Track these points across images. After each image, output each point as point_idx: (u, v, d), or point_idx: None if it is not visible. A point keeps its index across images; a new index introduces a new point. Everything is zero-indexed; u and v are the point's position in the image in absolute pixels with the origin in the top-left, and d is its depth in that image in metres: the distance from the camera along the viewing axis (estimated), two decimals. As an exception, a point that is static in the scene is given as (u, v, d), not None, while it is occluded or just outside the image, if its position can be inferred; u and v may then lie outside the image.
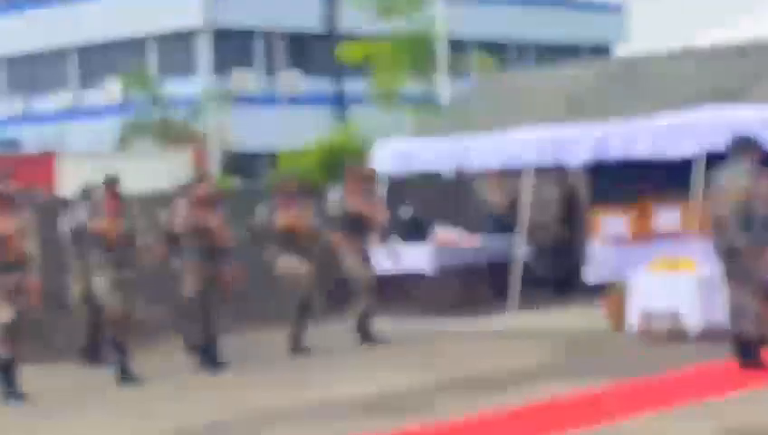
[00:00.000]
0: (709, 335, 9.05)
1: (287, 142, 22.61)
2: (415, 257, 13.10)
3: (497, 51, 30.33)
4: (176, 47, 31.60)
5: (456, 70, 22.35)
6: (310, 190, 12.06)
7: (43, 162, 21.96)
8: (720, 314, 8.42)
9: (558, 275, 14.24)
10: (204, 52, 29.55)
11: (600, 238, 13.04)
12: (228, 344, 10.11)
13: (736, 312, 7.62)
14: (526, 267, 12.96)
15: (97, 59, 32.21)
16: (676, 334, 9.75)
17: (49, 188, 16.18)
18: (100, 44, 31.77)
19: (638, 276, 10.62)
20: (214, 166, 22.35)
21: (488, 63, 26.93)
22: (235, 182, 19.82)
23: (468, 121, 14.12)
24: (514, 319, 12.20)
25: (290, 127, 25.83)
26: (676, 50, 15.50)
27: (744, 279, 7.45)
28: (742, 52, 13.31)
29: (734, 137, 8.25)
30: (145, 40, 31.62)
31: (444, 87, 20.94)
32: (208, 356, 9.16)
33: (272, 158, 21.68)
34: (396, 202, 13.82)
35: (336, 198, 11.16)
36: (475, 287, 13.85)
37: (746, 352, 7.26)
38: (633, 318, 10.23)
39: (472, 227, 14.52)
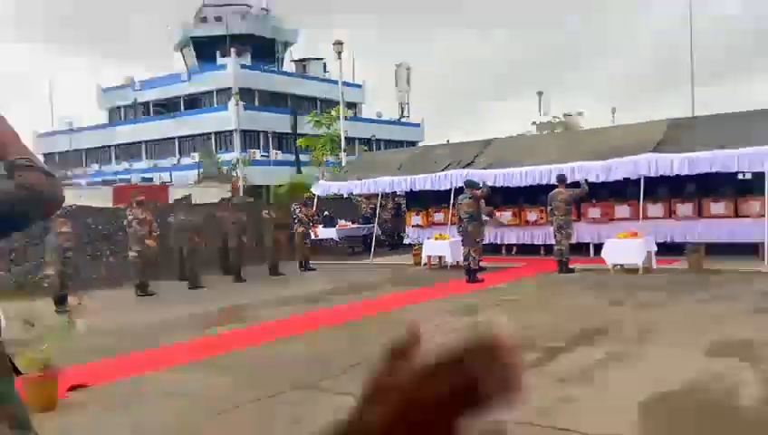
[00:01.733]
0: (455, 267, 14.58)
1: (274, 181, 34.05)
2: (329, 233, 19.24)
3: (367, 143, 42.71)
4: (225, 137, 46.26)
5: (349, 151, 29.60)
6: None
7: (163, 189, 28.73)
8: (459, 256, 14.19)
9: (392, 240, 20.18)
10: (237, 139, 43.39)
11: (411, 224, 19.21)
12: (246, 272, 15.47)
13: (465, 256, 13.23)
14: (378, 237, 19.07)
15: (188, 143, 47.77)
16: (442, 266, 15.69)
17: (165, 201, 20.93)
18: (193, 135, 47.07)
19: (427, 241, 16.26)
20: (240, 192, 32.83)
21: (362, 149, 39.13)
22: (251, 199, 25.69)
23: (354, 173, 19.91)
24: (373, 260, 17.91)
25: (276, 175, 37.59)
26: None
27: (469, 242, 13.16)
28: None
29: (467, 181, 16.51)
30: (210, 134, 45.61)
31: (343, 158, 26.73)
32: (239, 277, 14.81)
33: (268, 188, 33.57)
34: (322, 208, 19.74)
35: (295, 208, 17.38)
36: (357, 246, 19.93)
37: (471, 275, 12.91)
38: (424, 259, 16.17)
39: (355, 220, 20.60)
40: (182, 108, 49.62)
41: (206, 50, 49.56)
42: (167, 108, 50.52)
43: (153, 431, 5.01)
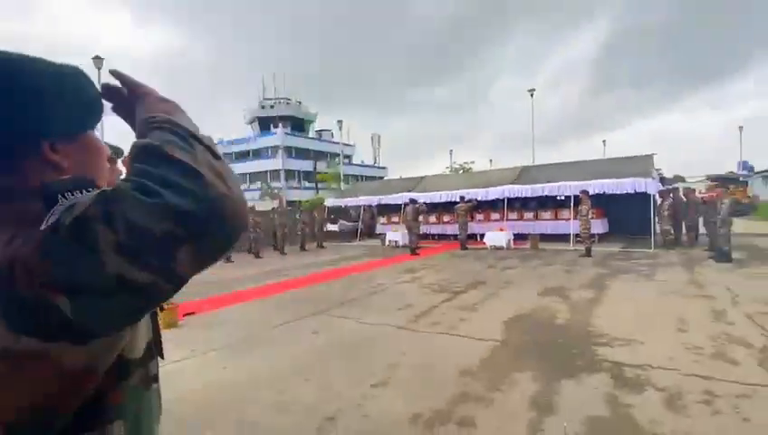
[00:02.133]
0: (405, 246, 14.55)
1: (304, 198, 31.96)
2: (334, 227, 19.43)
3: (357, 178, 42.41)
4: (274, 173, 44.59)
5: (345, 182, 30.61)
6: (311, 210, 18.45)
7: None
8: (406, 240, 14.13)
9: (369, 232, 19.50)
10: (282, 175, 42.44)
11: (380, 223, 19.09)
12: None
13: (409, 239, 13.83)
14: (361, 230, 18.84)
15: (254, 176, 45.61)
16: (397, 247, 15.44)
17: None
18: (257, 172, 45.52)
19: (388, 232, 16.30)
20: (284, 204, 32.94)
21: (356, 181, 37.88)
22: (289, 208, 27.36)
23: (349, 194, 20.14)
24: (358, 243, 17.75)
25: (304, 195, 36.66)
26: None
27: (412, 229, 13.63)
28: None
29: (410, 199, 17.48)
30: (267, 172, 44.29)
31: (342, 186, 27.83)
32: (282, 251, 15.49)
33: (300, 202, 31.14)
34: (330, 214, 19.64)
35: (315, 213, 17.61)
36: (350, 234, 19.38)
37: (412, 251, 12.96)
38: (387, 242, 15.95)
39: (349, 220, 20.45)
40: (251, 156, 49.70)
41: (265, 123, 50.45)
42: (242, 155, 50.55)
43: (232, 339, 4.92)
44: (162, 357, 0.71)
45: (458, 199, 14.57)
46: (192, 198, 0.47)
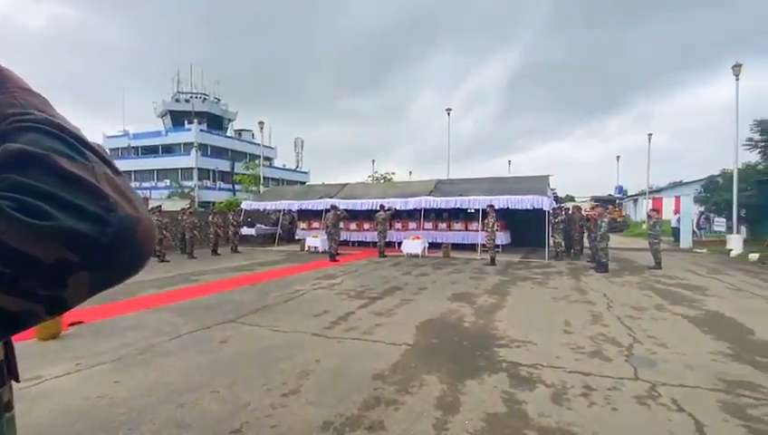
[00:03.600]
0: (325, 252, 14.17)
1: (219, 199, 29.26)
2: (250, 231, 18.11)
3: (278, 182, 41.21)
4: (187, 172, 41.30)
5: (265, 185, 28.17)
6: (224, 212, 17.27)
7: (144, 200, 25.67)
8: (326, 246, 13.74)
9: (288, 237, 18.99)
10: (195, 174, 39.30)
11: (300, 228, 18.76)
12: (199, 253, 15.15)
13: (329, 245, 13.80)
14: (280, 235, 18.30)
15: (163, 173, 42.72)
16: (317, 253, 15.15)
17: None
18: (167, 169, 42.42)
19: (308, 238, 15.95)
20: (196, 204, 30.10)
21: (276, 184, 37.19)
22: (202, 209, 25.41)
23: (268, 198, 19.20)
24: (277, 248, 17.19)
25: (219, 196, 34.35)
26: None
27: (331, 239, 13.59)
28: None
29: (332, 205, 17.20)
30: (178, 169, 41.09)
31: (262, 188, 25.06)
32: (191, 255, 14.63)
33: (213, 203, 28.35)
34: (247, 217, 18.54)
35: (229, 216, 16.54)
36: (267, 239, 18.74)
37: (332, 257, 12.70)
38: (306, 248, 15.62)
39: (268, 224, 19.51)
40: (160, 152, 45.82)
41: (178, 118, 46.87)
42: (150, 151, 46.41)
43: (127, 350, 4.42)
44: (17, 380, 0.56)
45: (378, 208, 14.80)
46: (94, 222, 0.40)
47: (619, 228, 26.08)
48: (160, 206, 14.57)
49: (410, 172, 49.92)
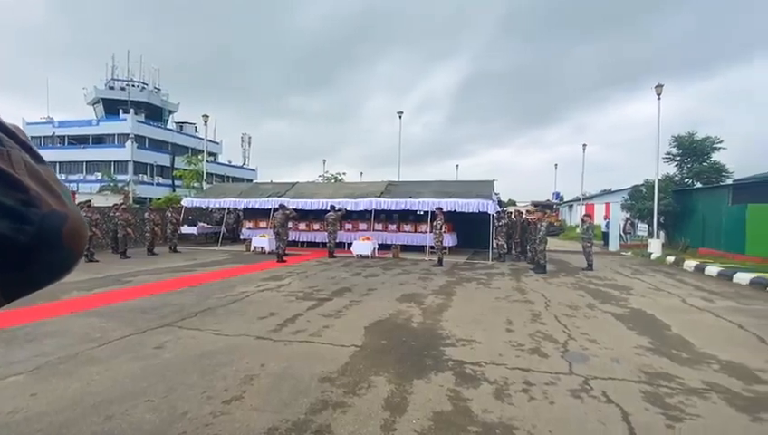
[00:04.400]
0: (272, 253, 13.84)
1: (157, 195, 27.37)
2: (191, 230, 17.38)
3: (222, 178, 40.01)
4: (121, 165, 38.93)
5: (208, 181, 26.53)
6: (161, 209, 16.52)
7: (71, 195, 22.84)
8: (273, 247, 13.50)
9: (233, 236, 18.45)
10: (130, 167, 37.10)
11: (246, 227, 17.83)
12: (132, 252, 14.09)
13: (277, 245, 13.41)
14: (224, 234, 17.75)
15: (93, 166, 39.82)
16: (263, 253, 14.72)
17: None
18: (97, 161, 39.85)
19: (254, 237, 15.41)
20: (131, 200, 26.92)
21: (221, 181, 35.85)
22: (137, 205, 23.18)
23: (211, 195, 18.14)
24: (220, 248, 16.49)
25: (158, 192, 32.08)
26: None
27: (280, 239, 13.81)
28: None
29: (280, 204, 16.64)
30: (111, 162, 38.37)
31: (205, 185, 23.67)
32: (124, 255, 13.11)
33: (151, 199, 26.59)
34: (188, 215, 17.66)
35: (168, 212, 15.33)
36: (209, 239, 18.20)
37: (279, 257, 12.39)
38: (252, 248, 15.12)
39: (211, 223, 18.87)
40: (91, 142, 42.31)
41: (112, 107, 43.50)
42: (78, 141, 42.68)
43: (47, 359, 4.02)
44: None
45: (329, 208, 14.64)
46: (10, 218, 0.34)
47: (556, 232, 27.72)
48: (90, 201, 13.56)
49: (361, 173, 50.04)
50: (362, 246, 14.36)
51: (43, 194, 0.36)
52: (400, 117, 26.18)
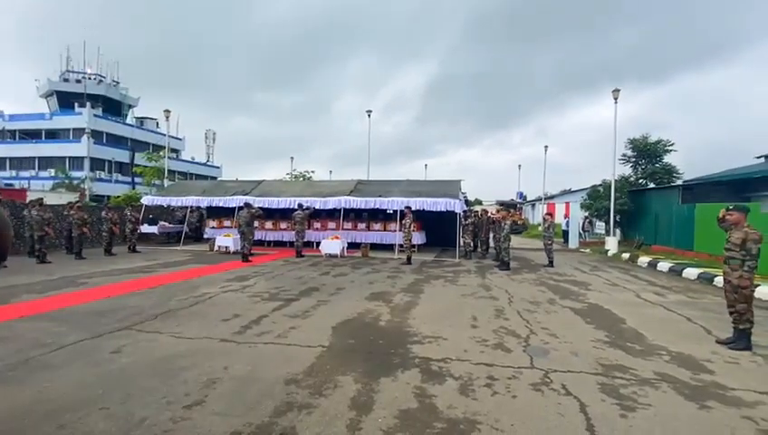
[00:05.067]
0: (237, 253, 13.69)
1: (116, 193, 25.80)
2: (151, 229, 16.69)
3: (185, 176, 38.76)
4: (77, 161, 37.18)
5: (170, 178, 25.53)
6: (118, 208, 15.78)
7: (22, 192, 21.56)
8: (238, 246, 12.88)
9: (196, 235, 17.94)
10: (86, 163, 35.34)
11: (209, 226, 17.51)
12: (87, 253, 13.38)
13: (242, 245, 12.62)
14: (186, 233, 17.01)
15: (45, 161, 37.67)
16: (228, 253, 14.20)
17: (23, 200, 14.98)
18: (51, 156, 37.21)
19: (218, 237, 14.89)
20: (87, 198, 25.82)
21: (183, 178, 34.37)
22: (94, 203, 21.92)
23: (173, 192, 17.22)
24: (182, 248, 15.81)
25: (116, 189, 30.93)
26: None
27: (245, 238, 12.28)
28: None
29: (245, 202, 16.04)
30: (66, 157, 36.97)
31: (166, 182, 22.66)
32: (79, 255, 11.80)
33: (109, 197, 25.79)
34: (149, 214, 16.93)
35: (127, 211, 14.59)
36: (171, 238, 17.35)
37: (245, 257, 11.88)
38: (216, 248, 14.62)
39: (173, 222, 18.06)
40: (43, 137, 39.82)
41: (66, 100, 41.15)
42: (30, 135, 40.09)
43: (-9, 367, 3.75)
44: None
45: (297, 207, 14.41)
46: None
47: (519, 230, 28.50)
48: (42, 198, 12.73)
49: (331, 172, 49.81)
50: (331, 245, 14.24)
51: None
52: (369, 116, 26.17)
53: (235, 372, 3.73)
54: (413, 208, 13.36)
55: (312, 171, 34.07)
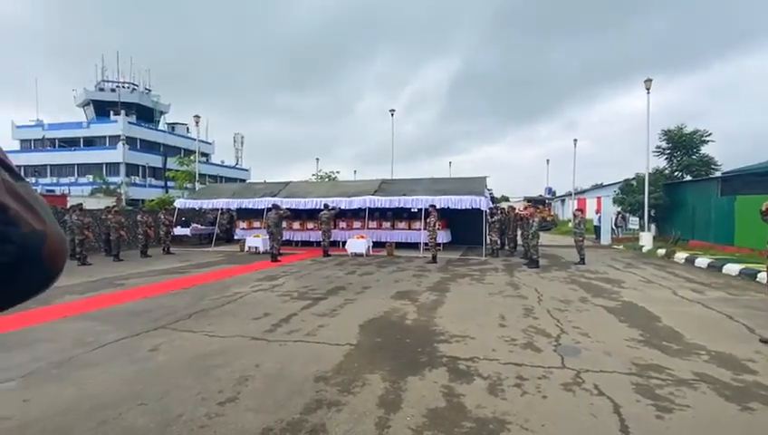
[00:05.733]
0: (266, 253, 14.05)
1: (150, 197, 26.92)
2: (184, 231, 17.28)
3: (215, 179, 39.71)
4: (113, 167, 38.61)
5: (201, 182, 26.35)
6: (155, 211, 16.47)
7: (62, 198, 22.77)
8: (267, 246, 13.29)
9: (227, 237, 18.44)
10: (122, 169, 36.83)
11: (239, 228, 18.05)
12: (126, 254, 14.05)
13: (271, 245, 13.20)
14: (218, 235, 17.64)
15: (84, 168, 39.37)
16: (258, 253, 14.57)
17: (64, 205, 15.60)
18: (89, 163, 39.03)
19: (248, 238, 15.31)
20: (124, 202, 26.58)
21: (214, 181, 35.68)
22: (130, 207, 22.87)
23: (204, 195, 18.02)
24: (214, 249, 16.21)
25: (150, 193, 31.94)
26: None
27: (273, 239, 12.76)
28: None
29: (273, 204, 16.49)
30: (102, 164, 38.32)
31: (197, 186, 23.51)
32: (117, 257, 12.62)
33: (143, 201, 26.61)
34: (181, 216, 17.44)
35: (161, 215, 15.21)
36: (203, 240, 17.89)
37: (273, 257, 12.11)
38: (246, 248, 15.02)
39: (204, 224, 18.60)
40: (82, 144, 41.86)
41: (102, 109, 43.08)
42: (69, 143, 42.22)
43: (39, 364, 3.98)
44: None
45: (323, 207, 14.60)
46: None
47: (548, 227, 27.87)
48: (81, 204, 13.35)
49: (355, 171, 49.96)
50: (357, 244, 14.34)
51: (23, 213, 0.36)
52: (392, 115, 26.15)
53: (266, 369, 3.82)
54: (438, 207, 13.27)
55: (337, 172, 34.33)
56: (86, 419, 2.90)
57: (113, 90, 44.18)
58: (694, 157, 19.01)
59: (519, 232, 14.95)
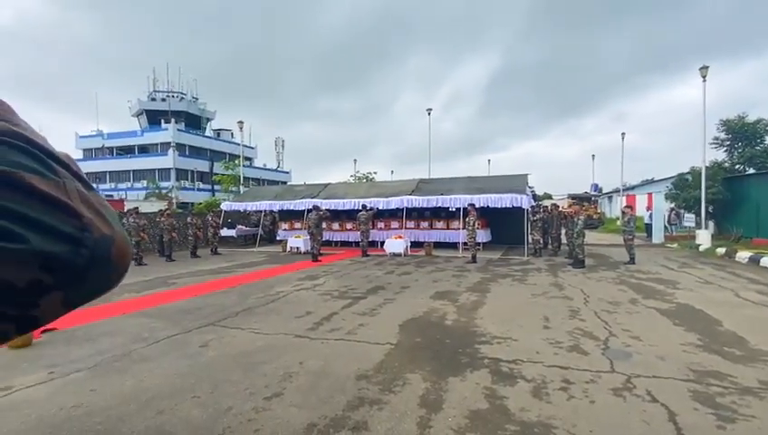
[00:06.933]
0: (307, 253, 14.51)
1: (198, 200, 28.93)
2: (230, 232, 17.79)
3: (258, 181, 41.06)
4: (164, 172, 40.59)
5: (245, 185, 27.22)
6: (203, 213, 17.42)
7: (120, 202, 24.52)
8: (308, 247, 13.78)
9: (270, 237, 18.94)
10: (173, 174, 38.81)
11: (281, 229, 18.36)
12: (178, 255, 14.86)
13: (312, 245, 13.89)
14: (261, 235, 18.29)
15: (139, 174, 42.10)
16: (299, 254, 15.01)
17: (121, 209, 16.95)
18: (143, 169, 41.89)
19: (290, 238, 15.70)
20: (174, 206, 27.89)
21: (257, 184, 36.98)
22: (180, 210, 24.27)
23: (248, 198, 18.77)
24: (258, 249, 16.95)
25: (198, 196, 34.09)
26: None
27: (314, 239, 13.63)
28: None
29: (314, 205, 16.87)
30: (155, 169, 40.41)
31: (242, 189, 24.25)
32: (170, 258, 13.85)
33: (192, 204, 28.17)
34: (227, 218, 18.18)
35: (209, 217, 15.96)
36: (248, 240, 18.66)
37: (314, 257, 12.40)
38: (288, 248, 15.47)
39: (249, 225, 19.20)
40: (136, 152, 44.70)
41: (154, 117, 45.84)
42: (125, 151, 45.22)
43: (103, 357, 4.30)
44: None
45: (361, 208, 14.76)
46: (68, 243, 0.38)
47: (594, 225, 26.71)
48: (137, 207, 14.20)
49: (392, 172, 50.23)
50: (395, 244, 14.38)
51: (95, 219, 0.40)
52: (429, 114, 25.99)
53: (309, 366, 3.92)
54: (476, 205, 13.05)
55: (375, 172, 34.58)
56: (146, 408, 3.10)
57: (164, 99, 46.83)
58: (758, 148, 17.58)
59: (563, 231, 14.40)
